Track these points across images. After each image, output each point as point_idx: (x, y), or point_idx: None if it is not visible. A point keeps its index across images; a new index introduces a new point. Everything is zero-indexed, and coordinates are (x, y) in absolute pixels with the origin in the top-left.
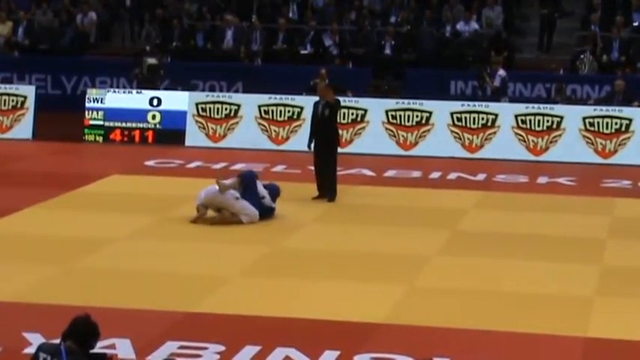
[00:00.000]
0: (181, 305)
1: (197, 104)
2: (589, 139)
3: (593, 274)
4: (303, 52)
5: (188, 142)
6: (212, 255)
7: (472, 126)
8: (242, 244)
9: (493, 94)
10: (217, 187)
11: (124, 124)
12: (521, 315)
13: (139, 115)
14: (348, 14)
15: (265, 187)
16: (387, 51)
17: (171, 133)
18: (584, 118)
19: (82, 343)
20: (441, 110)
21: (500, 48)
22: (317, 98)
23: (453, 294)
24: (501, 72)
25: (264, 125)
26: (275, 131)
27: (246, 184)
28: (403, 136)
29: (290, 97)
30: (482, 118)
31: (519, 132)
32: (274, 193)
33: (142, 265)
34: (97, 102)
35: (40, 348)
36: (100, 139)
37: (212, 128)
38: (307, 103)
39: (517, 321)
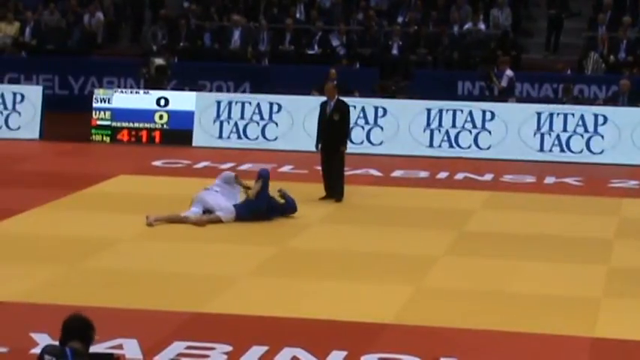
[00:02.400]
0: (189, 305)
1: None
2: None
3: (600, 274)
4: (310, 52)
5: (195, 142)
6: (219, 255)
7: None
8: (249, 245)
9: (500, 95)
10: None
11: (131, 125)
12: (528, 315)
13: (147, 115)
14: (355, 14)
15: (286, 197)
16: (395, 51)
17: (178, 133)
18: None
19: (84, 339)
20: None
21: (507, 48)
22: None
23: (460, 294)
24: (509, 72)
25: None
26: None
27: (266, 184)
28: None
29: None
30: None
31: None
32: (288, 208)
33: (149, 265)
34: (105, 102)
35: (45, 350)
36: (107, 139)
37: None
38: None
39: (524, 321)
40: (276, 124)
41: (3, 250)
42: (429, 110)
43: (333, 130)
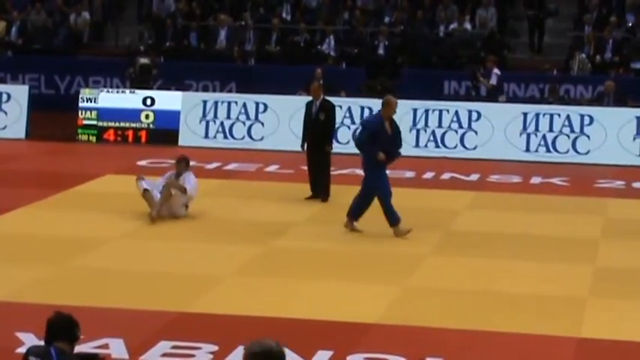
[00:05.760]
0: (174, 305)
1: None
2: None
3: (586, 274)
4: (295, 51)
5: (181, 141)
6: (205, 255)
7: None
8: (235, 244)
9: (489, 93)
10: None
11: (117, 124)
12: (514, 315)
13: (133, 114)
14: (342, 14)
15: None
16: (381, 51)
17: (164, 132)
18: None
19: (69, 338)
20: None
21: (493, 48)
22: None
23: (446, 294)
24: (496, 70)
25: None
26: None
27: None
28: None
29: None
30: None
31: None
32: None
33: (135, 264)
34: (91, 102)
35: (30, 351)
36: (93, 138)
37: None
38: None
39: (510, 321)
40: (262, 123)
41: None
42: (415, 110)
43: (319, 129)
